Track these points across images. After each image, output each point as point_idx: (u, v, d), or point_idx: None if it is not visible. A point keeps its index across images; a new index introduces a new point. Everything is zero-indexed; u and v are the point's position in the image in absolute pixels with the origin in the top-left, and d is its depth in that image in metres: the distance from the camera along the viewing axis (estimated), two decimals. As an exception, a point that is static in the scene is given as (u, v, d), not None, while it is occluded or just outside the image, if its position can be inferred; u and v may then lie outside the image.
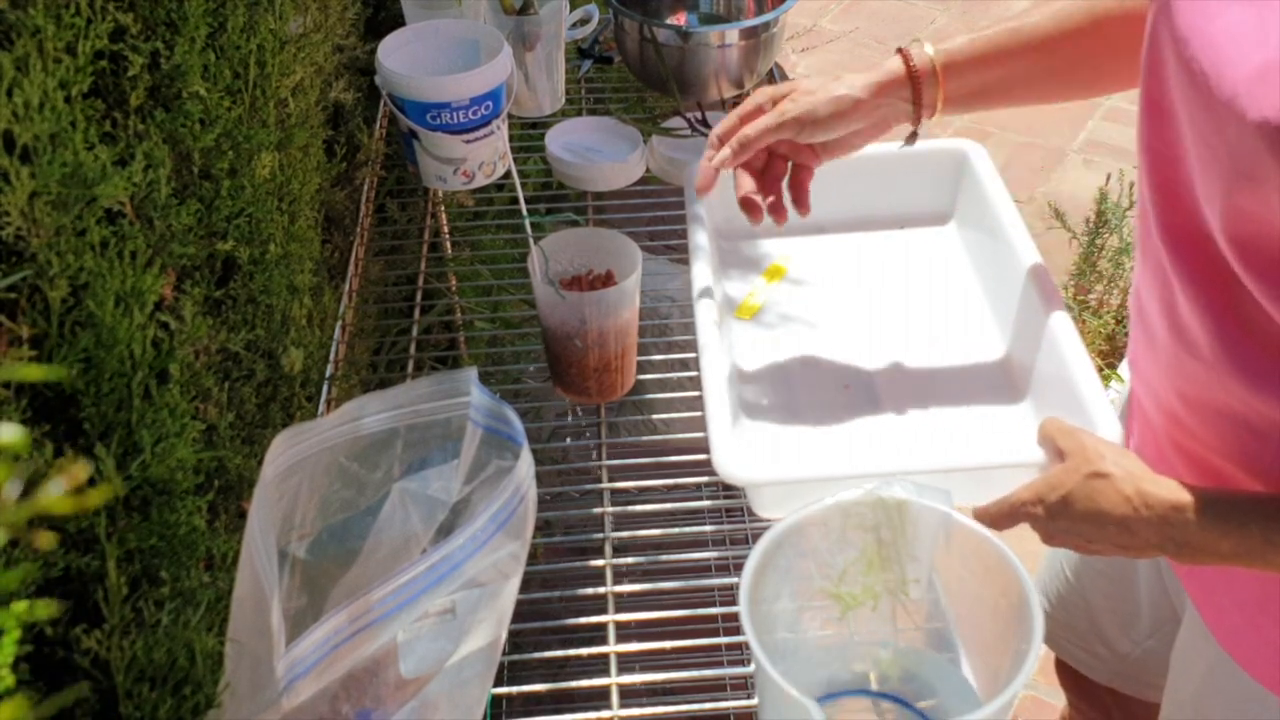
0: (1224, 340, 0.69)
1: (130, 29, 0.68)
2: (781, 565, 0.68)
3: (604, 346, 0.94)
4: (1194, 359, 0.72)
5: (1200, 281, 0.70)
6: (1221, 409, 0.72)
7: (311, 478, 0.67)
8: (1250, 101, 0.58)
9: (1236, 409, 0.71)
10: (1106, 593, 1.03)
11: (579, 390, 0.98)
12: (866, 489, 0.68)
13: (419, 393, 0.70)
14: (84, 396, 0.59)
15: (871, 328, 1.01)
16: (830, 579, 0.70)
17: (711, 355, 0.89)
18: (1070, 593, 1.06)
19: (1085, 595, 1.05)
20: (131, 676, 0.59)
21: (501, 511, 0.63)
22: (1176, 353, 0.74)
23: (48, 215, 0.56)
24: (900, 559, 0.69)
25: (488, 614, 0.64)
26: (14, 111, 0.53)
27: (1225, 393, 0.71)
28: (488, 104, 1.12)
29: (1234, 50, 0.60)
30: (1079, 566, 1.05)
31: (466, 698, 0.64)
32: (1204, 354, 0.71)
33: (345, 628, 0.58)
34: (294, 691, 0.57)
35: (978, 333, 0.99)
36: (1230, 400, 0.71)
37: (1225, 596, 0.81)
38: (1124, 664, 1.05)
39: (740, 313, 1.03)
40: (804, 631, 0.72)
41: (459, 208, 1.45)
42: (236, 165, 0.82)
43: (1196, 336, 0.71)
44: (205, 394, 0.75)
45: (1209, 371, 0.71)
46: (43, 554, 0.54)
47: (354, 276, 1.14)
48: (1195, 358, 0.72)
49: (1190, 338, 0.72)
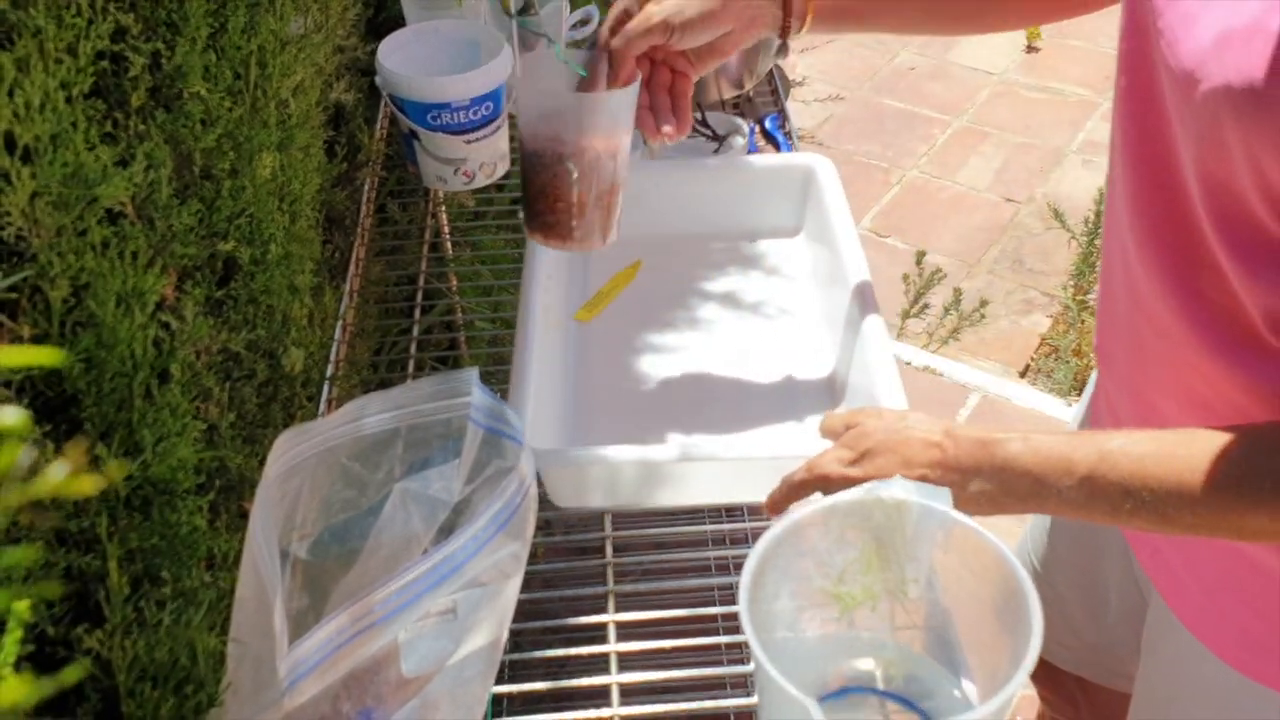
0: (1189, 320, 0.69)
1: (131, 29, 0.68)
2: (780, 565, 0.68)
3: (599, 172, 0.84)
4: (1159, 338, 0.73)
5: (1167, 264, 0.70)
6: (1189, 393, 0.73)
7: (313, 478, 0.67)
8: (1215, 67, 0.59)
9: (1199, 389, 0.71)
10: (1074, 581, 1.03)
11: (560, 232, 0.86)
12: (865, 488, 0.68)
13: (420, 393, 0.71)
14: (85, 396, 0.59)
15: (710, 334, 1.05)
16: (829, 579, 0.70)
17: (531, 356, 0.90)
18: (1038, 582, 1.03)
19: (1054, 585, 1.05)
20: (133, 676, 0.59)
21: (503, 512, 0.63)
22: (1140, 332, 0.75)
23: (49, 215, 0.56)
24: (899, 559, 0.69)
25: (489, 613, 0.64)
26: (15, 112, 0.53)
27: (1191, 370, 0.71)
28: (488, 104, 1.12)
29: (1202, 17, 0.61)
30: (1047, 556, 1.05)
31: (468, 697, 0.65)
32: (1169, 332, 0.71)
33: (348, 628, 0.58)
34: (296, 691, 0.57)
35: (808, 340, 1.04)
36: (1195, 381, 0.71)
37: (1187, 576, 0.81)
38: (1092, 653, 1.05)
39: (581, 314, 1.05)
40: (803, 631, 0.72)
41: (460, 208, 1.45)
42: (237, 165, 0.82)
43: (1160, 317, 0.71)
44: (206, 394, 0.76)
45: (1173, 350, 0.71)
46: (45, 533, 0.54)
47: (355, 276, 1.14)
48: (1160, 337, 0.73)
49: (1155, 319, 0.72)
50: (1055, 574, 1.05)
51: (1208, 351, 0.69)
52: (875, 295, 0.97)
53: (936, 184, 2.87)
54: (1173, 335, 0.71)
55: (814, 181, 1.12)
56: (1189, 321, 0.69)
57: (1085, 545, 1.01)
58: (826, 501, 0.69)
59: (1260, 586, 0.74)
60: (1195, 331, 0.69)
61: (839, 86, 3.26)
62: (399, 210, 1.31)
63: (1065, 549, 1.03)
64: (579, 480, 0.86)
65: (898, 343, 2.41)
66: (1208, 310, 0.68)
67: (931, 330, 2.43)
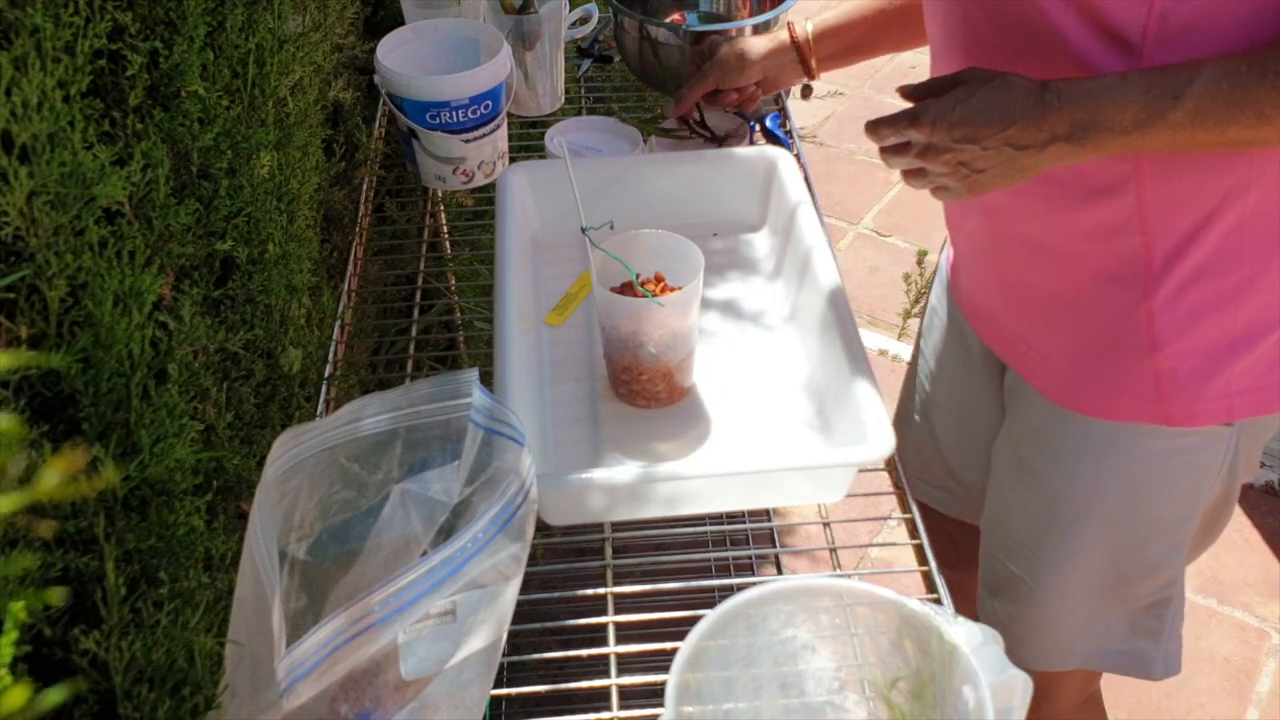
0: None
1: (129, 28, 0.67)
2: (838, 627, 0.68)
3: (675, 349, 0.92)
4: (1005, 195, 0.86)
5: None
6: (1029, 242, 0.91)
7: (312, 479, 0.67)
8: None
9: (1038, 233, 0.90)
10: (952, 427, 1.17)
11: (649, 397, 0.94)
12: (938, 610, 0.67)
13: (420, 394, 0.70)
14: (82, 396, 0.59)
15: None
16: (881, 667, 0.69)
17: (511, 362, 0.90)
18: (921, 433, 1.21)
19: (934, 432, 1.19)
20: (130, 677, 0.59)
21: (503, 513, 0.62)
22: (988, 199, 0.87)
23: (46, 215, 0.56)
24: (940, 705, 0.68)
25: (488, 615, 0.63)
26: (12, 111, 0.53)
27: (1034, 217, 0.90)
28: (487, 103, 1.12)
29: None
30: (927, 404, 1.19)
31: (466, 699, 0.64)
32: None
33: (346, 629, 0.57)
34: (294, 693, 0.57)
35: (780, 342, 1.02)
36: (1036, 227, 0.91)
37: (1025, 332, 0.98)
38: (969, 493, 1.18)
39: (551, 318, 1.04)
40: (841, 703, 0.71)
41: (458, 207, 1.45)
42: (235, 164, 0.82)
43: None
44: (204, 394, 0.75)
45: (1011, 199, 0.87)
46: (42, 541, 0.54)
47: (353, 276, 1.13)
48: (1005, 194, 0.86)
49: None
50: (936, 421, 1.18)
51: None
52: (845, 293, 0.96)
53: (936, 183, 2.87)
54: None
55: (776, 176, 1.11)
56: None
57: (960, 388, 1.14)
58: (891, 594, 0.68)
59: (1098, 331, 0.91)
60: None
61: (840, 84, 3.25)
62: (397, 209, 1.31)
63: (944, 395, 1.17)
64: (574, 503, 0.84)
65: (898, 342, 2.40)
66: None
67: (931, 330, 2.42)
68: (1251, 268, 0.86)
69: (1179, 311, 0.88)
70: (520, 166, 1.12)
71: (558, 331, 1.03)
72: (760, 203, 1.14)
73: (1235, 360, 0.89)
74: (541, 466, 0.88)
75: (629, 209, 1.05)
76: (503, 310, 0.94)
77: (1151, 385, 0.91)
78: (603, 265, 0.92)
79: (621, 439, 0.92)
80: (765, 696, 0.69)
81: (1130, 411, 0.93)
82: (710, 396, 0.96)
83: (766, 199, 1.13)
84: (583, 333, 1.03)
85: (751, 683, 0.69)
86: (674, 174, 1.13)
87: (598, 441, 0.92)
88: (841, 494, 0.87)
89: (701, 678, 0.66)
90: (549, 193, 1.10)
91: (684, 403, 0.96)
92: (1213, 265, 0.86)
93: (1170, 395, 0.91)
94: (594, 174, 1.10)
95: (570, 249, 1.10)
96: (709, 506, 0.90)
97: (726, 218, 1.14)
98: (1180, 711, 1.71)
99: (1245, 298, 0.87)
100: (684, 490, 0.85)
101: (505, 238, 1.03)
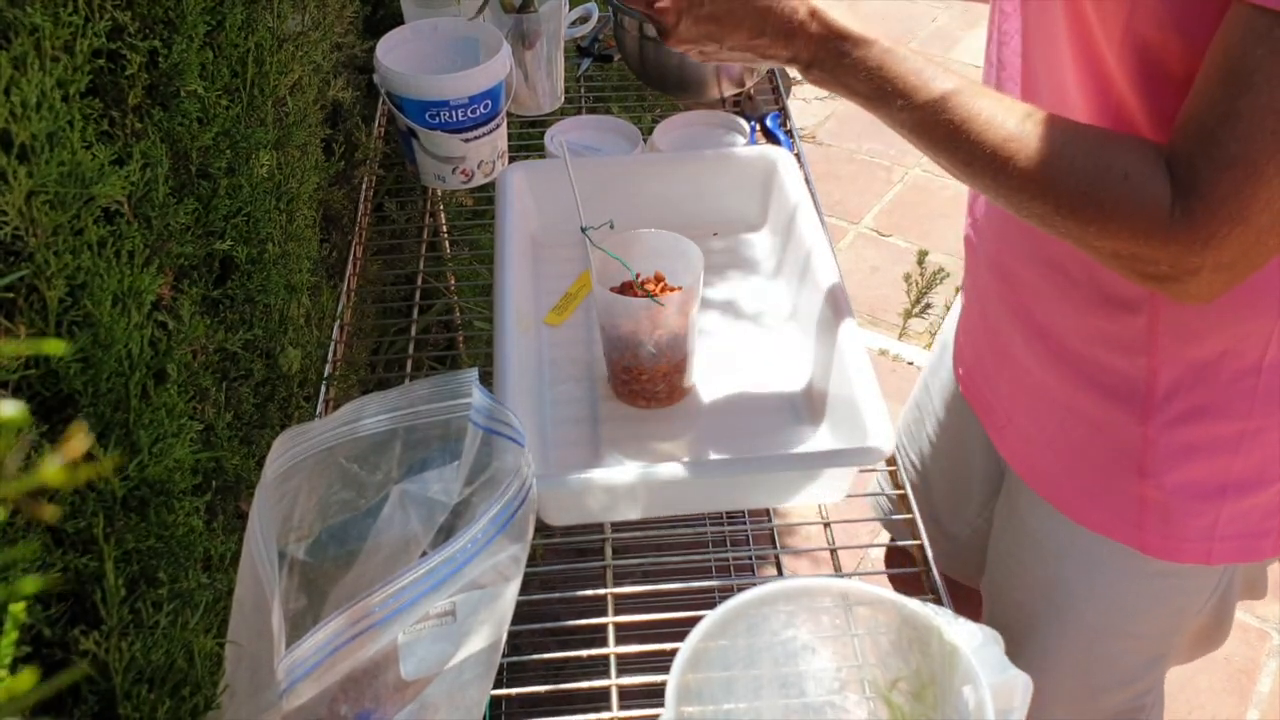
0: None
1: (128, 27, 0.67)
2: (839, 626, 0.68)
3: (675, 349, 0.92)
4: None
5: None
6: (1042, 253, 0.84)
7: (311, 479, 0.67)
8: None
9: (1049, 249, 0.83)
10: (944, 471, 1.13)
11: (649, 397, 0.94)
12: (938, 610, 0.67)
13: (419, 394, 0.70)
14: (81, 396, 0.59)
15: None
16: (882, 668, 0.69)
17: (510, 363, 0.89)
18: (913, 477, 1.17)
19: (926, 478, 1.14)
20: (130, 678, 0.58)
21: (503, 514, 0.62)
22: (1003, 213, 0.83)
23: (45, 214, 0.56)
24: (941, 705, 0.67)
25: (488, 616, 0.63)
26: (11, 110, 0.53)
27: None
28: (486, 102, 1.12)
29: None
30: (921, 448, 1.14)
31: (466, 699, 0.64)
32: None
33: (346, 630, 0.57)
34: (294, 693, 0.57)
35: (780, 342, 1.02)
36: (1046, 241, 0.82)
37: (1031, 429, 0.93)
38: (954, 545, 1.15)
39: (550, 318, 1.04)
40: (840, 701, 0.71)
41: (458, 207, 1.44)
42: (234, 164, 0.82)
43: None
44: (203, 394, 0.75)
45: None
46: (42, 533, 0.54)
47: (352, 276, 1.13)
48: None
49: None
50: (929, 466, 1.14)
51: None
52: (846, 293, 0.96)
53: (939, 183, 2.87)
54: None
55: (776, 176, 1.11)
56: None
57: (954, 433, 1.10)
58: (893, 595, 0.68)
59: (1086, 438, 0.87)
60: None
61: (838, 85, 3.26)
62: (397, 209, 1.31)
63: (937, 437, 1.13)
64: (573, 503, 0.84)
65: (898, 342, 2.40)
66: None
67: (934, 329, 2.42)
68: (1261, 420, 0.80)
69: (1174, 443, 0.82)
70: (520, 166, 1.12)
71: (557, 331, 1.03)
72: (760, 203, 1.14)
73: (1225, 504, 0.84)
74: (541, 467, 0.88)
75: (629, 209, 1.04)
76: (502, 310, 0.94)
77: (1135, 510, 0.86)
78: (602, 265, 0.92)
79: (621, 439, 0.92)
80: (765, 697, 0.69)
81: (1112, 528, 0.88)
82: (710, 396, 0.96)
83: (766, 199, 1.13)
84: (582, 333, 1.03)
85: (752, 683, 0.69)
86: (674, 174, 1.13)
87: (598, 442, 0.92)
88: (841, 494, 0.87)
89: (702, 678, 0.66)
90: (548, 192, 1.10)
91: (684, 403, 0.95)
92: (1218, 405, 0.80)
93: (1151, 525, 0.86)
94: (594, 174, 1.10)
95: (570, 248, 1.10)
96: (709, 507, 0.90)
97: (726, 218, 1.14)
98: (1180, 711, 1.71)
99: (1248, 447, 0.82)
100: (684, 490, 0.85)
101: (505, 237, 1.03)
